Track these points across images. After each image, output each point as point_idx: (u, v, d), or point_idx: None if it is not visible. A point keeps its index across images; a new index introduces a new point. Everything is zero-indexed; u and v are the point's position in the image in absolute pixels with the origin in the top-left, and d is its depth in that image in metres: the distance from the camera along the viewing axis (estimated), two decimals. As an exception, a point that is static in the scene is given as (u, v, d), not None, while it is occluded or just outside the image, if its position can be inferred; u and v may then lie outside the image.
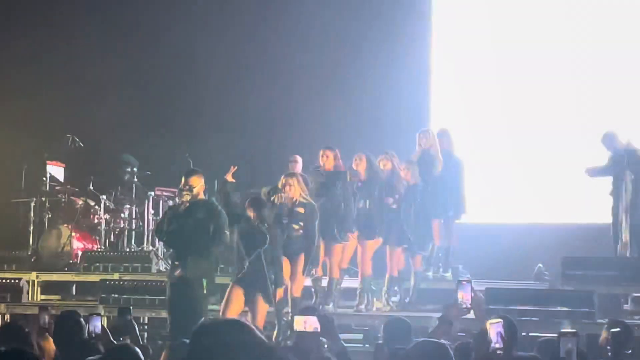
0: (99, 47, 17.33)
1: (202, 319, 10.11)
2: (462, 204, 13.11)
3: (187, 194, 10.61)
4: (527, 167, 15.43)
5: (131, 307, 6.78)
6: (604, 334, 7.25)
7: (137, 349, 5.15)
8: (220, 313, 10.76)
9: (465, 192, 13.14)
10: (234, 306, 10.57)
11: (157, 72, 16.98)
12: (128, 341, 6.32)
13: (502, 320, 5.62)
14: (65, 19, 17.42)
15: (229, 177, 11.23)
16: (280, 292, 10.86)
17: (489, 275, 13.06)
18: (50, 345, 7.23)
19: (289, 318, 10.68)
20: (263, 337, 3.07)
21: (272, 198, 11.20)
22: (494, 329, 5.53)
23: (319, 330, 5.68)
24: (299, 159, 13.61)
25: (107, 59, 16.88)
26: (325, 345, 5.82)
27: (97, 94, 16.79)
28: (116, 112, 16.33)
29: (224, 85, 16.81)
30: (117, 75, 16.65)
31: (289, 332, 10.37)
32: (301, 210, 11.36)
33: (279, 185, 11.41)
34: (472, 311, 6.19)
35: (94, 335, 6.74)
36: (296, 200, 11.35)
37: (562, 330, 5.03)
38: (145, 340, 9.38)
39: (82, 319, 6.97)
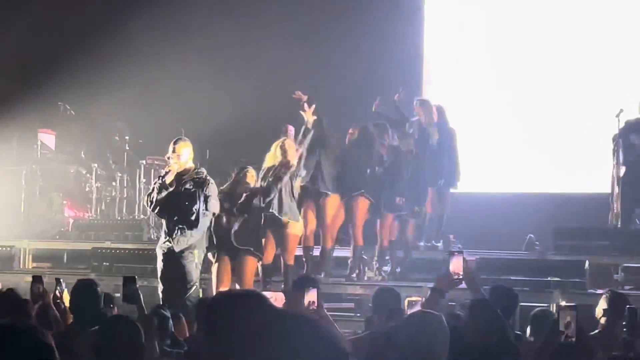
0: (92, 12, 17.25)
1: (194, 288, 10.27)
2: (456, 173, 13.09)
3: (176, 162, 10.54)
4: (520, 137, 15.44)
5: (136, 277, 6.76)
6: (601, 305, 7.27)
7: (134, 322, 5.14)
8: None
9: (459, 161, 13.11)
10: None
11: (154, 40, 16.87)
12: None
13: (420, 299, 5.70)
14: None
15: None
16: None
17: (480, 245, 13.07)
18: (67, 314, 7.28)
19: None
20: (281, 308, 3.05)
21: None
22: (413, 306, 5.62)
23: (316, 304, 5.74)
24: (291, 129, 13.58)
25: (105, 26, 16.79)
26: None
27: (92, 60, 16.69)
28: (109, 80, 16.25)
29: (216, 55, 16.74)
30: (111, 41, 16.56)
31: None
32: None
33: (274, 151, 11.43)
34: (463, 282, 6.20)
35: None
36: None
37: (562, 304, 5.04)
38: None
39: (99, 289, 6.98)
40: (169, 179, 10.53)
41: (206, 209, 10.50)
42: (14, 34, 16.70)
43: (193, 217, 10.45)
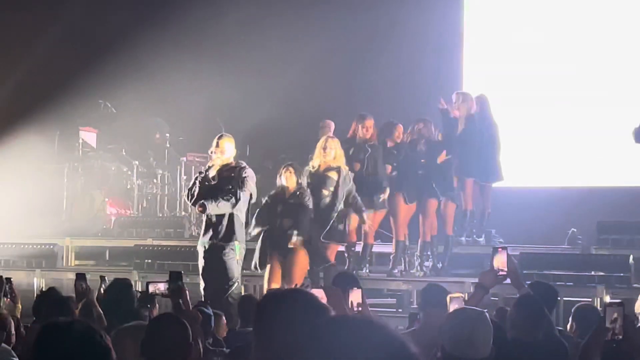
0: (131, 9, 17.35)
1: (236, 285, 10.27)
2: (497, 170, 12.93)
3: (219, 157, 10.55)
4: (561, 130, 15.30)
5: (182, 272, 6.77)
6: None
7: (182, 320, 5.10)
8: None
9: (500, 158, 12.96)
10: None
11: (193, 37, 16.91)
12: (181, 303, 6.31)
13: (462, 295, 5.64)
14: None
15: None
16: None
17: (522, 239, 12.99)
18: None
19: None
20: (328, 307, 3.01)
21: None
22: (455, 303, 5.57)
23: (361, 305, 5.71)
24: (331, 124, 13.59)
25: (145, 23, 16.87)
26: None
27: (133, 58, 16.76)
28: (150, 77, 16.31)
29: (255, 52, 16.76)
30: (151, 39, 16.62)
31: None
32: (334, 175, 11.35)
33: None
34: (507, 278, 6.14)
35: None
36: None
37: (608, 301, 4.98)
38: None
39: (133, 288, 6.98)
40: (211, 173, 10.56)
41: (243, 188, 10.45)
42: (54, 33, 16.81)
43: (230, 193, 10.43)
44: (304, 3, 16.75)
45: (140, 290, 8.48)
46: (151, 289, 6.78)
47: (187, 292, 6.51)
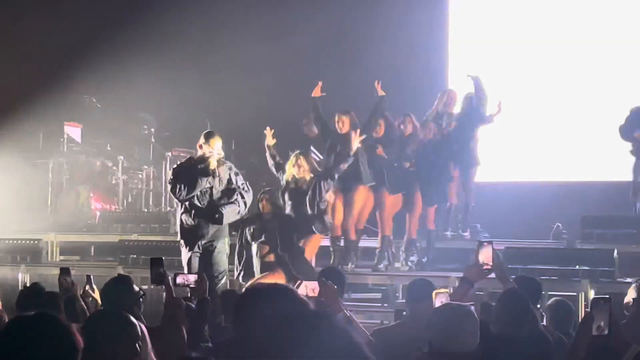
0: (117, 4, 17.30)
1: (224, 279, 10.31)
2: (474, 157, 12.97)
3: (218, 158, 10.76)
4: (546, 125, 15.35)
5: (163, 258, 6.78)
6: (631, 294, 7.21)
7: (128, 315, 5.04)
8: None
9: (477, 147, 13.00)
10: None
11: (179, 33, 16.88)
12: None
13: (448, 291, 5.66)
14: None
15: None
16: None
17: (507, 234, 13.01)
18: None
19: None
20: (310, 304, 3.01)
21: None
22: (440, 298, 5.59)
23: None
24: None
25: (131, 18, 16.83)
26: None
27: (118, 53, 16.71)
28: (135, 72, 16.27)
29: (241, 47, 16.72)
30: (137, 34, 16.58)
31: None
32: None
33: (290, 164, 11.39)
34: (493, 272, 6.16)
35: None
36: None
37: (594, 296, 4.99)
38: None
39: (134, 286, 6.95)
40: (212, 167, 10.66)
41: (243, 191, 10.81)
42: (39, 28, 16.74)
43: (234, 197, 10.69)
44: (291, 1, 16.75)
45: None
46: (179, 280, 6.83)
47: (169, 278, 6.54)
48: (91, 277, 7.77)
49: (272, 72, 16.30)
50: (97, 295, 7.46)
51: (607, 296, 4.92)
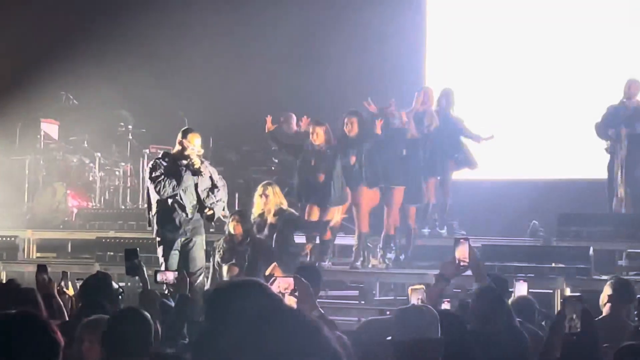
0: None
1: (201, 277, 10.33)
2: (470, 158, 13.08)
3: (200, 157, 10.80)
4: (523, 123, 15.40)
5: (138, 249, 6.77)
6: (606, 291, 7.25)
7: (146, 312, 5.10)
8: None
9: (469, 148, 13.12)
10: None
11: (156, 30, 16.82)
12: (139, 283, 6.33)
13: (423, 287, 5.69)
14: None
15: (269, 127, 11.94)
16: None
17: (484, 231, 13.07)
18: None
19: None
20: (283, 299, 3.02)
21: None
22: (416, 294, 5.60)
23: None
24: (292, 118, 13.77)
25: (108, 14, 16.78)
26: None
27: (95, 49, 16.66)
28: (112, 69, 16.23)
29: (218, 44, 16.70)
30: (114, 30, 16.53)
31: None
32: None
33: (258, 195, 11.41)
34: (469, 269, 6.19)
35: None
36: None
37: (567, 295, 5.03)
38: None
39: (113, 283, 6.94)
40: (197, 165, 10.67)
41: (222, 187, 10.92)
42: (16, 24, 16.66)
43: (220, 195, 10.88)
44: (266, 1, 16.75)
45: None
46: (159, 277, 6.82)
47: (144, 269, 6.54)
48: (67, 273, 7.75)
49: (249, 70, 16.31)
50: (71, 292, 7.44)
51: (579, 294, 4.97)
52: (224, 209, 11.02)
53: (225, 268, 10.94)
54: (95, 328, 5.00)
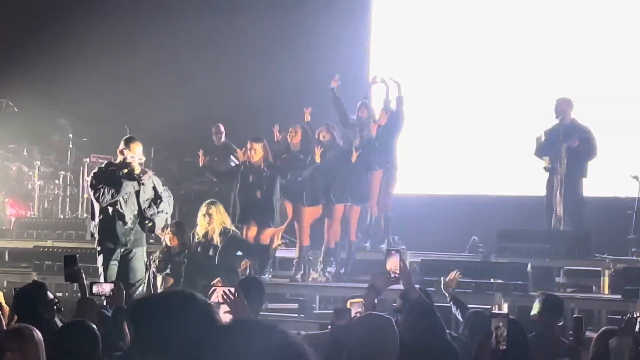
0: (34, 6, 17.08)
1: (141, 288, 10.26)
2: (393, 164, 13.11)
3: (143, 167, 10.73)
4: (464, 139, 15.51)
5: (77, 255, 6.70)
6: (536, 307, 7.31)
7: (93, 325, 5.03)
8: None
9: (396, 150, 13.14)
10: None
11: (98, 38, 16.71)
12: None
13: (362, 300, 5.73)
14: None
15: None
16: None
17: (425, 247, 13.13)
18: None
19: None
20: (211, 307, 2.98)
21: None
22: (355, 307, 5.64)
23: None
24: (221, 128, 13.95)
25: (49, 21, 16.62)
26: None
27: (35, 57, 16.48)
28: (53, 77, 16.08)
29: (163, 54, 16.63)
30: (55, 38, 16.38)
31: None
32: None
33: None
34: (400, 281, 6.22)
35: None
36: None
37: (494, 312, 5.08)
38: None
39: (48, 293, 6.84)
40: (137, 171, 10.58)
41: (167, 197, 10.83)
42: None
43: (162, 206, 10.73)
44: (214, 6, 16.70)
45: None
46: (95, 289, 6.75)
47: (83, 275, 6.48)
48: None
49: (192, 80, 16.25)
50: (1, 299, 7.35)
51: (505, 312, 5.02)
52: (166, 221, 10.91)
53: (159, 278, 10.88)
54: (18, 337, 4.92)
